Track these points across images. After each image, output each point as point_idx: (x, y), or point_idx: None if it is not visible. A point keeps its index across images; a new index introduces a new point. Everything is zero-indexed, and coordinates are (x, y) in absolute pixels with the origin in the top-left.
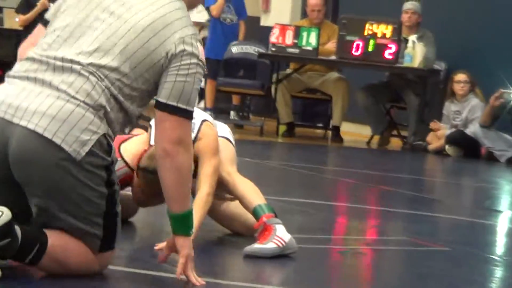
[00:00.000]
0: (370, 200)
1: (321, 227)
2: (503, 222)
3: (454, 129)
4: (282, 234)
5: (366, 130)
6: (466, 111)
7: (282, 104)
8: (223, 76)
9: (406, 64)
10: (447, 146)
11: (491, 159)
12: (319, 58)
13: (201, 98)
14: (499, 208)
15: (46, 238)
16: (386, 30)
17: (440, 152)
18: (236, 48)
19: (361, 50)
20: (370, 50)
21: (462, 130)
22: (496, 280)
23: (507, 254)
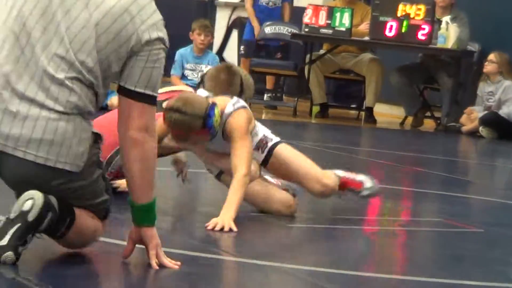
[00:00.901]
0: (404, 181)
1: (354, 208)
2: None
3: (488, 110)
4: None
5: (400, 111)
6: (499, 92)
7: (315, 85)
8: (257, 56)
9: (440, 45)
10: (481, 128)
11: None
12: (352, 39)
13: None
14: None
15: (73, 209)
16: (420, 11)
17: (474, 133)
18: (269, 28)
19: (394, 31)
20: (403, 31)
21: (496, 112)
22: None
23: None
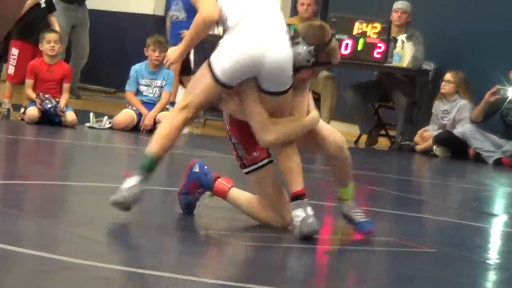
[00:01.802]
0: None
1: None
2: (490, 224)
3: (442, 129)
4: None
5: (354, 129)
6: (454, 111)
7: None
8: None
9: (395, 63)
10: (435, 147)
11: (479, 160)
12: None
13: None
14: (486, 210)
15: None
16: (375, 29)
17: (428, 152)
18: None
19: (350, 49)
20: (359, 49)
21: (450, 131)
22: (482, 282)
23: (494, 256)
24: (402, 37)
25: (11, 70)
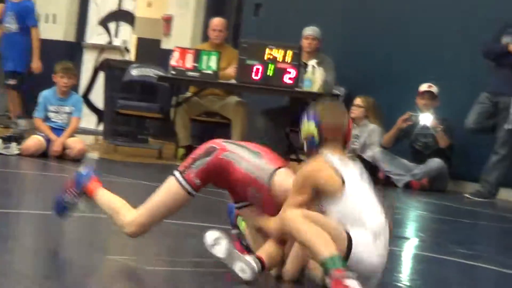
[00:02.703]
0: None
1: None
2: (402, 248)
3: (352, 153)
4: None
5: None
6: (364, 136)
7: (181, 127)
8: (123, 98)
9: (306, 88)
10: None
11: (389, 184)
12: (219, 82)
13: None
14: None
15: None
16: (286, 55)
17: None
18: (136, 70)
19: (260, 75)
20: (270, 74)
21: (360, 155)
22: None
23: (405, 279)
24: (312, 62)
25: None
